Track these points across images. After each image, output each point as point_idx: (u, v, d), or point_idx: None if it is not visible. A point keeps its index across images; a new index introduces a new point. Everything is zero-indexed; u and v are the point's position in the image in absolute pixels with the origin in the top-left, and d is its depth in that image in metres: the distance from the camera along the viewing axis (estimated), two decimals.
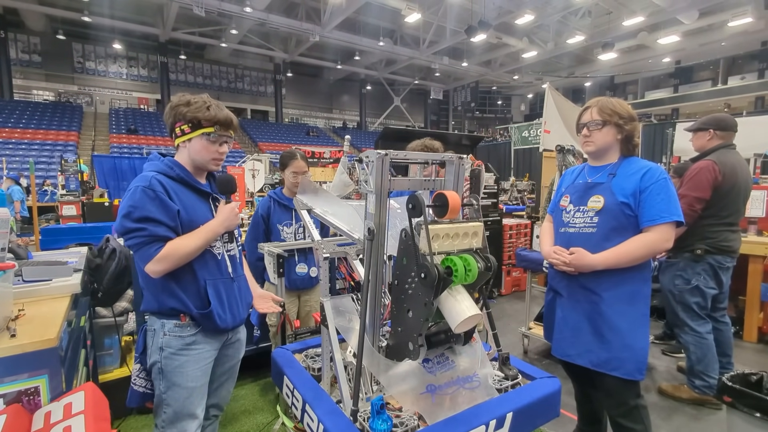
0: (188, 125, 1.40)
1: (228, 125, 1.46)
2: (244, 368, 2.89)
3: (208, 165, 1.48)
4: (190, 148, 1.43)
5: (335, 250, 1.55)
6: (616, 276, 1.69)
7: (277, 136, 23.64)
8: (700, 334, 2.51)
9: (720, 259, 2.49)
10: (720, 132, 2.60)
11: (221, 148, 1.47)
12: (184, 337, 1.40)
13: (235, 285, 1.53)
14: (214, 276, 1.44)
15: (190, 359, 1.41)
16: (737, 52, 21.61)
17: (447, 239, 1.34)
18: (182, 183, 1.43)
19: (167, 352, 1.39)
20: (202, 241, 1.37)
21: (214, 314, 1.41)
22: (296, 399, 1.49)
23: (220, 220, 1.44)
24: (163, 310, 1.40)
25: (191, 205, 1.41)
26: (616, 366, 1.67)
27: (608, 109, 1.72)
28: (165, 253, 1.29)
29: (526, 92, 31.18)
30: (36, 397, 0.98)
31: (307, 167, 2.49)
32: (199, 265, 1.41)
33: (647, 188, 1.64)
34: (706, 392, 2.52)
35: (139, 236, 1.29)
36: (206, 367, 1.47)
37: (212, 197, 1.51)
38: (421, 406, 1.35)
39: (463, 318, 1.26)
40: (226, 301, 1.47)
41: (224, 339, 1.54)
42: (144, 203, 1.29)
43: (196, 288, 1.40)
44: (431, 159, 1.57)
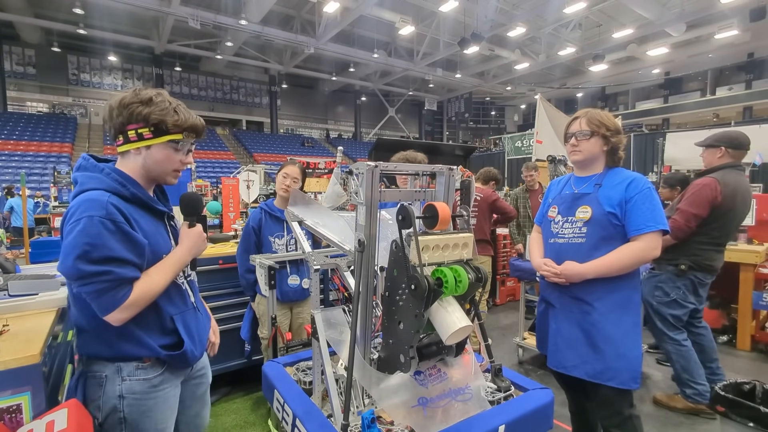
0: (149, 129, 1.15)
1: (199, 132, 1.25)
2: (235, 382, 2.88)
3: (166, 178, 1.25)
4: (147, 157, 1.18)
5: (326, 261, 1.55)
6: (607, 285, 1.70)
7: (272, 147, 23.68)
8: (677, 341, 2.54)
9: (701, 276, 2.52)
10: (732, 150, 2.53)
11: (186, 157, 1.26)
12: (150, 379, 1.19)
13: (199, 314, 1.37)
14: (180, 309, 1.25)
15: (158, 401, 1.21)
16: (724, 63, 22.07)
17: (437, 250, 1.34)
18: (138, 204, 1.17)
19: (130, 399, 1.16)
20: (171, 275, 1.17)
21: (188, 352, 1.23)
22: (287, 413, 1.47)
23: (187, 248, 1.25)
24: (114, 354, 1.15)
25: (153, 233, 1.19)
26: (611, 376, 1.67)
27: (596, 121, 1.75)
28: (134, 298, 1.07)
29: (519, 103, 31.56)
30: (18, 414, 0.96)
31: (300, 177, 2.48)
32: (163, 299, 1.19)
33: (632, 198, 1.66)
34: (698, 400, 2.52)
35: (101, 282, 1.03)
36: (174, 404, 1.30)
37: (168, 216, 1.30)
38: (413, 420, 1.33)
39: (453, 330, 1.25)
40: (195, 334, 1.30)
41: (189, 370, 1.38)
42: (104, 239, 1.02)
43: (160, 326, 1.19)
44: (422, 170, 1.58)
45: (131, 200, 1.16)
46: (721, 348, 3.65)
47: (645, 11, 15.86)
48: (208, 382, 1.54)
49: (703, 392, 2.50)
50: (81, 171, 1.18)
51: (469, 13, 16.68)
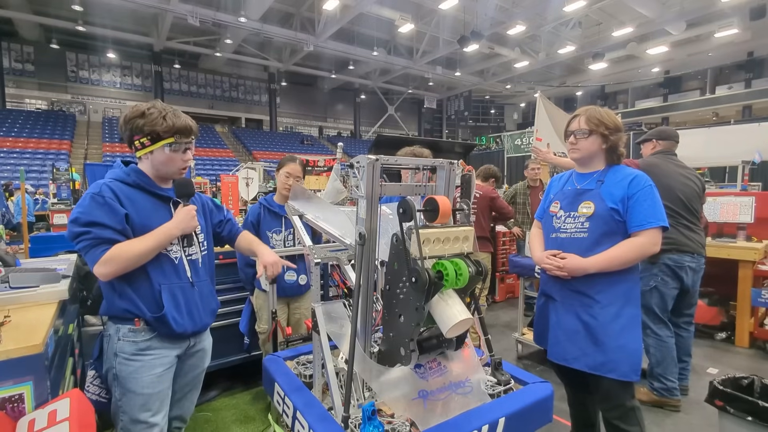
0: (147, 138, 1.38)
1: (188, 132, 1.43)
2: (235, 377, 2.89)
3: (174, 174, 1.47)
4: (153, 160, 1.42)
5: (327, 255, 1.55)
6: (608, 279, 1.71)
7: (271, 145, 23.66)
8: (660, 337, 2.56)
9: (677, 258, 2.54)
10: (662, 141, 2.81)
11: (185, 155, 1.46)
12: (138, 342, 1.37)
13: (196, 290, 1.49)
14: (170, 280, 1.41)
15: (144, 365, 1.38)
16: (724, 62, 22.07)
17: (438, 243, 1.35)
18: (139, 189, 1.41)
19: (121, 358, 1.36)
20: (154, 244, 1.35)
21: (169, 318, 1.37)
22: (287, 406, 1.48)
23: (174, 223, 1.42)
24: (115, 312, 1.37)
25: (147, 210, 1.40)
26: (611, 368, 1.68)
27: (595, 119, 1.77)
28: (110, 255, 1.28)
29: (518, 101, 31.55)
30: (20, 404, 0.96)
31: (302, 174, 2.49)
32: (154, 268, 1.38)
33: (634, 195, 1.68)
34: (664, 395, 2.57)
35: (85, 239, 1.29)
36: (164, 374, 1.42)
37: (174, 201, 1.49)
38: (413, 412, 1.34)
39: (454, 322, 1.26)
40: (183, 306, 1.43)
41: (185, 346, 1.50)
42: (91, 209, 1.30)
43: (150, 292, 1.37)
44: (422, 165, 1.59)
45: (133, 186, 1.41)
46: (719, 345, 3.67)
47: (645, 9, 15.84)
48: (204, 367, 1.61)
49: (671, 389, 2.56)
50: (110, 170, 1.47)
51: (469, 11, 16.66)
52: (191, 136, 1.45)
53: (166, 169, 1.45)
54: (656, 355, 2.58)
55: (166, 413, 1.46)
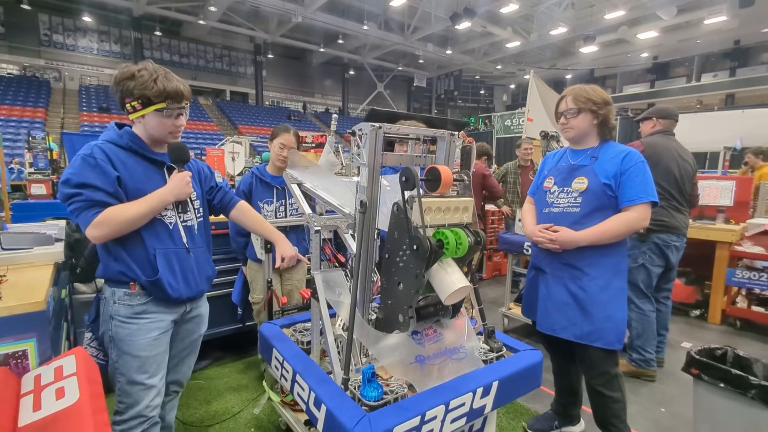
0: (138, 102, 1.35)
1: (180, 97, 1.40)
2: (227, 347, 2.91)
3: (166, 139, 1.44)
4: (145, 124, 1.39)
5: (326, 223, 1.55)
6: (598, 252, 1.77)
7: (257, 119, 23.14)
8: (643, 311, 2.68)
9: (665, 238, 2.65)
10: (662, 120, 2.83)
11: (177, 121, 1.43)
12: (133, 305, 1.38)
13: (192, 256, 1.48)
14: (165, 246, 1.40)
15: (141, 328, 1.38)
16: (711, 49, 22.26)
17: (438, 213, 1.36)
18: (132, 152, 1.39)
19: (117, 321, 1.37)
20: (147, 209, 1.33)
21: (164, 282, 1.37)
22: (286, 370, 1.50)
23: (168, 189, 1.40)
24: (111, 275, 1.37)
25: (140, 174, 1.38)
26: (597, 337, 1.76)
27: (582, 97, 1.80)
28: (102, 218, 1.26)
29: (508, 83, 31.40)
30: (24, 360, 0.96)
31: (297, 145, 2.45)
32: (149, 233, 1.37)
33: (627, 171, 1.73)
34: (641, 365, 2.71)
35: (76, 201, 1.27)
36: (160, 338, 1.43)
37: (168, 167, 1.46)
38: (411, 376, 1.38)
39: (453, 289, 1.29)
40: (179, 271, 1.43)
41: (181, 311, 1.51)
42: (82, 170, 1.28)
43: (145, 256, 1.37)
44: (423, 135, 1.59)
45: (126, 148, 1.38)
46: (693, 321, 3.85)
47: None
48: (200, 332, 1.63)
49: (649, 360, 2.70)
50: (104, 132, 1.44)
51: None
52: (183, 101, 1.41)
53: (158, 133, 1.41)
54: (638, 328, 2.69)
55: (164, 376, 1.47)
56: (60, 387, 0.84)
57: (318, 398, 1.28)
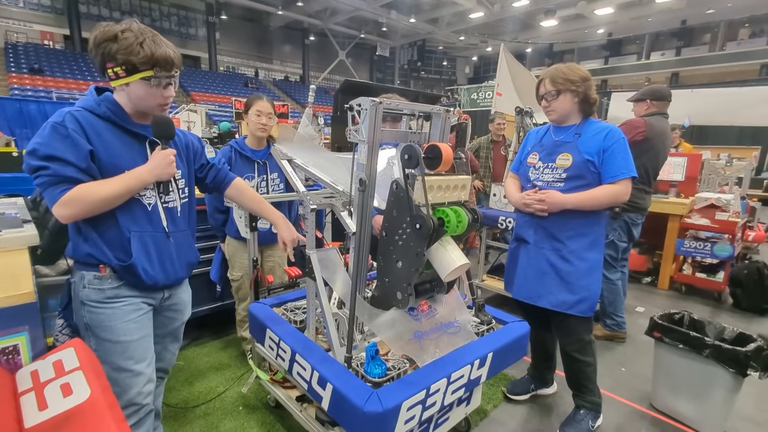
0: (121, 68, 1.20)
1: (170, 65, 1.25)
2: (205, 326, 2.83)
3: (153, 111, 1.31)
4: (129, 93, 1.24)
5: (322, 201, 1.51)
6: (580, 225, 1.87)
7: (211, 86, 21.81)
8: (612, 281, 2.90)
9: (633, 217, 2.86)
10: (656, 102, 2.94)
11: (166, 91, 1.28)
12: (104, 289, 1.27)
13: (171, 241, 1.36)
14: (141, 228, 1.29)
15: (116, 312, 1.29)
16: (661, 28, 23.27)
17: (439, 191, 1.37)
18: (111, 123, 1.25)
19: (89, 306, 1.27)
20: (123, 188, 1.21)
21: (138, 267, 1.27)
22: (283, 350, 1.49)
23: (149, 168, 1.27)
24: (79, 256, 1.26)
25: (117, 148, 1.24)
26: (572, 305, 1.87)
27: (559, 78, 1.84)
28: (72, 195, 1.14)
29: (471, 55, 31.42)
30: (16, 356, 0.88)
31: (273, 111, 2.33)
32: (124, 214, 1.25)
33: (609, 148, 1.80)
34: (614, 329, 2.96)
35: (43, 175, 1.14)
36: (141, 320, 1.33)
37: (150, 141, 1.33)
38: (410, 351, 1.41)
39: (454, 267, 1.31)
40: (155, 256, 1.32)
41: (159, 298, 1.40)
42: (51, 140, 1.15)
43: (118, 239, 1.26)
44: (419, 110, 1.56)
45: (103, 118, 1.24)
46: (644, 288, 4.18)
47: None
48: (182, 320, 1.54)
49: (620, 323, 2.95)
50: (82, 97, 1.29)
51: None
52: (174, 68, 1.26)
53: (143, 104, 1.27)
54: (609, 296, 2.90)
55: (152, 362, 1.39)
56: (65, 383, 0.77)
57: (323, 377, 1.28)
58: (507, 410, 2.18)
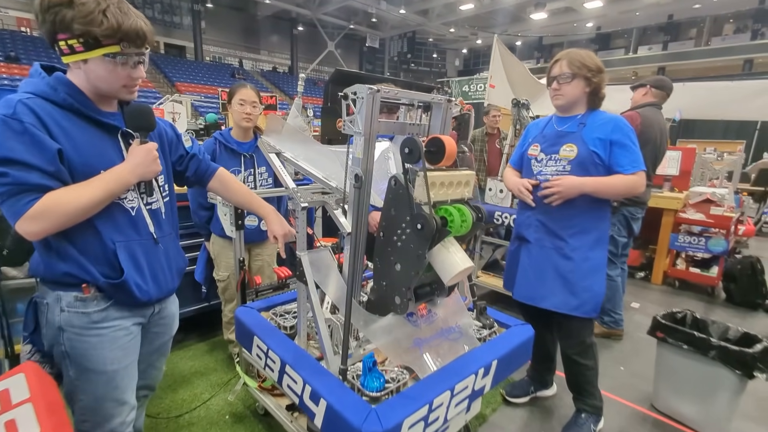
0: (78, 41, 0.97)
1: (140, 39, 1.03)
2: (189, 328, 2.69)
3: (118, 94, 1.09)
4: (87, 72, 1.02)
5: (313, 199, 1.39)
6: (583, 222, 1.79)
7: (197, 77, 21.31)
8: (611, 277, 2.83)
9: (632, 210, 2.77)
10: (655, 90, 2.85)
11: (135, 71, 1.07)
12: (90, 313, 1.09)
13: (160, 248, 1.20)
14: (127, 237, 1.11)
15: (105, 339, 1.11)
16: (648, 23, 23.38)
17: (442, 188, 1.26)
18: (73, 112, 1.02)
19: (70, 333, 1.08)
20: (102, 193, 1.01)
21: (131, 284, 1.10)
22: (272, 360, 1.37)
23: (130, 166, 1.07)
24: (53, 276, 1.06)
25: (87, 144, 1.03)
26: (576, 306, 1.79)
27: (577, 62, 1.75)
28: (41, 208, 0.94)
29: (461, 47, 31.23)
30: None
31: (258, 100, 2.19)
32: (104, 222, 1.06)
33: (619, 140, 1.72)
34: (612, 326, 2.90)
35: (1, 185, 0.93)
36: (130, 344, 1.18)
37: (123, 133, 1.12)
38: (410, 360, 1.31)
39: (458, 270, 1.21)
40: (146, 268, 1.15)
41: (149, 314, 1.25)
42: (5, 139, 0.92)
43: (102, 251, 1.07)
44: (418, 100, 1.45)
45: (63, 106, 1.02)
46: (638, 282, 4.16)
47: None
48: (170, 334, 1.39)
49: (618, 320, 2.89)
50: (24, 81, 1.05)
51: None
52: (144, 44, 1.05)
53: (106, 86, 1.05)
54: (607, 293, 2.79)
55: (134, 388, 1.24)
56: (10, 419, 0.65)
57: (315, 392, 1.17)
58: (506, 414, 2.11)
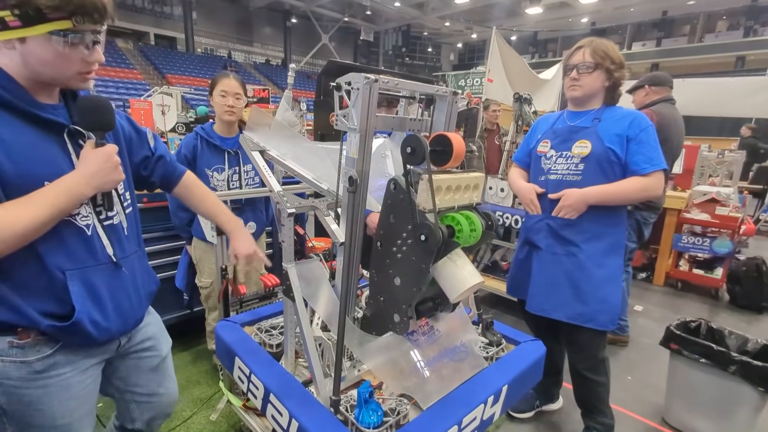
0: (12, 12, 0.76)
1: (99, 13, 0.83)
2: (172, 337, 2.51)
3: (69, 82, 0.89)
4: (26, 55, 0.81)
5: (301, 204, 1.23)
6: (597, 228, 1.65)
7: (188, 69, 20.89)
8: None
9: (645, 215, 2.62)
10: (654, 87, 2.70)
11: (91, 54, 0.86)
12: (31, 362, 0.89)
13: (123, 272, 1.00)
14: (80, 263, 0.91)
15: (52, 390, 0.92)
16: (642, 19, 23.31)
17: (449, 193, 1.10)
18: (2, 106, 0.82)
19: (6, 387, 0.89)
20: (48, 211, 0.81)
21: (84, 323, 0.90)
22: (255, 386, 1.21)
23: (84, 176, 0.86)
24: None
25: (23, 147, 0.83)
26: (590, 318, 1.65)
27: (602, 51, 1.62)
28: None
29: (456, 41, 30.97)
30: None
31: (242, 91, 2.01)
32: (50, 247, 0.86)
33: (637, 136, 1.58)
34: (617, 333, 2.78)
35: None
36: (87, 389, 1.00)
37: (70, 132, 0.91)
38: (412, 388, 1.16)
39: (467, 287, 1.06)
40: (108, 299, 0.96)
41: (113, 348, 1.06)
42: None
43: (46, 284, 0.87)
44: (420, 92, 1.29)
45: None
46: (640, 284, 4.05)
47: None
48: (162, 353, 1.25)
49: (624, 327, 2.77)
50: None
51: None
52: (103, 20, 0.85)
53: (51, 72, 0.84)
54: None
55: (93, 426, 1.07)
56: None
57: (303, 428, 1.02)
58: (510, 430, 1.97)
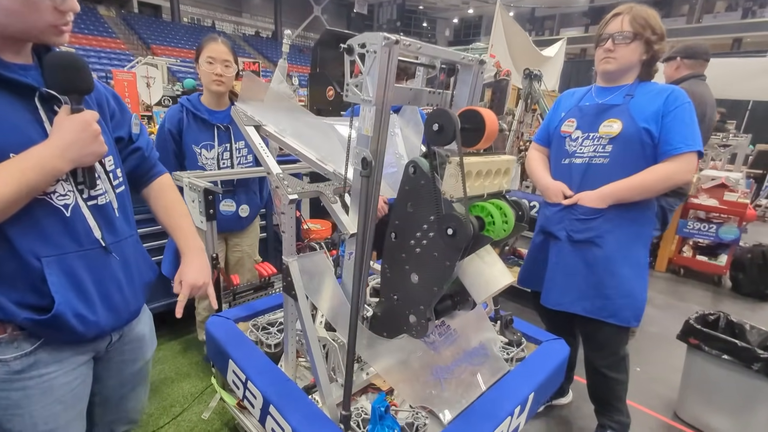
0: None
1: None
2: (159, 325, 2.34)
3: (40, 36, 0.76)
4: None
5: (305, 188, 1.06)
6: (620, 217, 1.50)
7: (174, 39, 20.02)
8: None
9: (671, 202, 2.47)
10: (688, 60, 2.48)
11: (65, 3, 0.75)
12: (7, 361, 0.80)
13: (114, 258, 0.88)
14: (59, 248, 0.79)
15: (33, 392, 0.83)
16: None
17: (478, 178, 0.95)
18: None
19: None
20: (15, 188, 0.70)
21: (67, 317, 0.80)
22: (252, 394, 1.08)
23: (58, 147, 0.75)
24: None
25: None
26: (612, 313, 1.53)
27: (642, 19, 1.45)
28: None
29: (452, 16, 30.14)
30: None
31: (232, 58, 1.80)
32: (21, 230, 0.75)
33: (671, 112, 1.42)
34: None
35: None
36: (74, 392, 0.90)
37: (42, 96, 0.78)
38: (430, 400, 1.03)
39: (499, 287, 0.93)
40: (93, 290, 0.85)
41: (104, 345, 0.95)
42: None
43: (20, 273, 0.77)
44: (442, 58, 1.12)
45: None
46: None
47: None
48: (144, 358, 1.10)
49: None
50: None
51: None
52: None
53: (18, 24, 0.72)
54: None
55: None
56: None
57: None
58: None
